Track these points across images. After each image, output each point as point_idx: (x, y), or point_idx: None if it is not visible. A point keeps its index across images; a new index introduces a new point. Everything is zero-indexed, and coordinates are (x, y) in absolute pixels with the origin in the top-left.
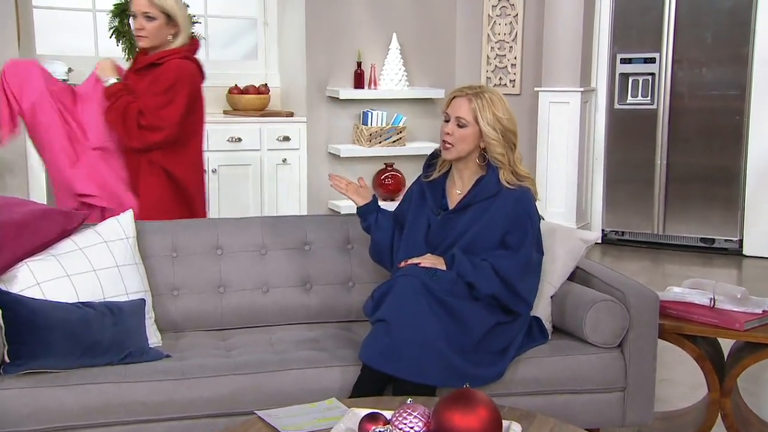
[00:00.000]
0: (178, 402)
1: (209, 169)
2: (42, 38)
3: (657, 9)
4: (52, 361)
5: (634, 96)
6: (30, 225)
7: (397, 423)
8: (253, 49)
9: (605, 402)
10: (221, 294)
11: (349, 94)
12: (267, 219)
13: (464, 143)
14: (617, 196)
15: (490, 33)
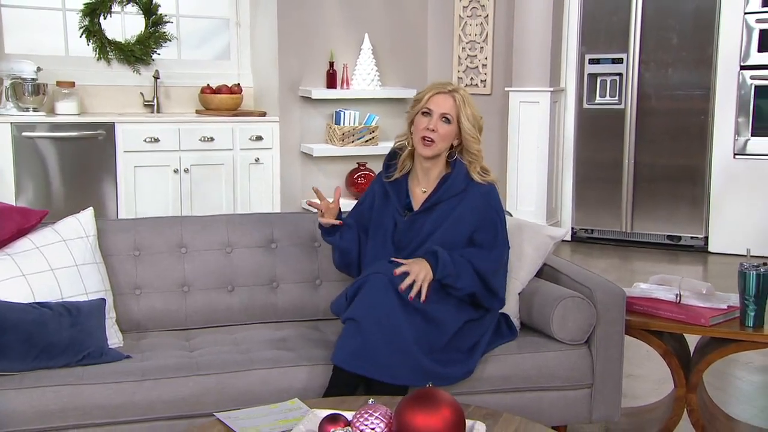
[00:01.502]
0: (138, 404)
1: (181, 169)
2: (11, 37)
3: (624, 11)
4: (4, 363)
5: (602, 96)
6: None
7: (357, 424)
8: (225, 49)
9: (573, 398)
10: (185, 293)
11: (321, 93)
12: (232, 216)
13: (445, 140)
14: (586, 194)
15: (461, 34)
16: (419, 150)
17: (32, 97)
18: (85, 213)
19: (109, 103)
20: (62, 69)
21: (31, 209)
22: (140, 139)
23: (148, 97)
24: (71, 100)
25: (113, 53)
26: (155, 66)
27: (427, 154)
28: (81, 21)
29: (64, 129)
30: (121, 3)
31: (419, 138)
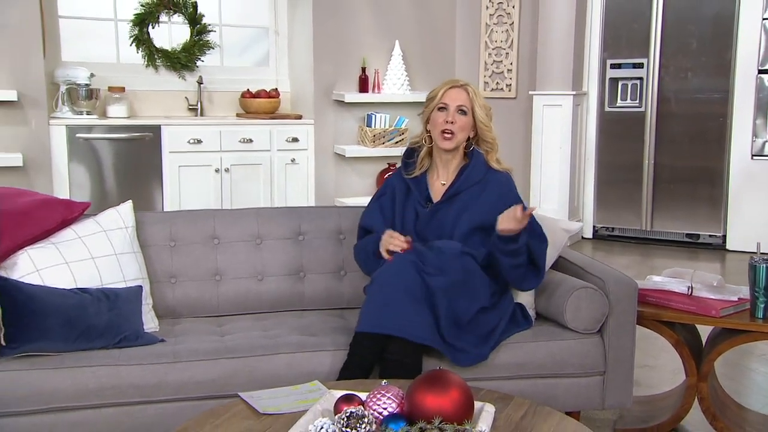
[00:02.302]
0: (171, 384)
1: (222, 168)
2: (67, 46)
3: (645, 18)
4: (47, 344)
5: (623, 99)
6: (31, 214)
7: (371, 404)
8: (264, 57)
9: (585, 386)
10: (218, 282)
11: (354, 97)
12: (262, 210)
13: (464, 131)
14: (608, 194)
15: (488, 40)
16: (440, 144)
17: (86, 101)
18: (125, 206)
19: (156, 106)
20: (114, 75)
21: (75, 201)
22: (184, 140)
23: (192, 102)
24: (121, 104)
25: (160, 60)
26: (199, 72)
27: (449, 146)
28: (131, 30)
29: (114, 131)
30: (168, 13)
31: (439, 132)
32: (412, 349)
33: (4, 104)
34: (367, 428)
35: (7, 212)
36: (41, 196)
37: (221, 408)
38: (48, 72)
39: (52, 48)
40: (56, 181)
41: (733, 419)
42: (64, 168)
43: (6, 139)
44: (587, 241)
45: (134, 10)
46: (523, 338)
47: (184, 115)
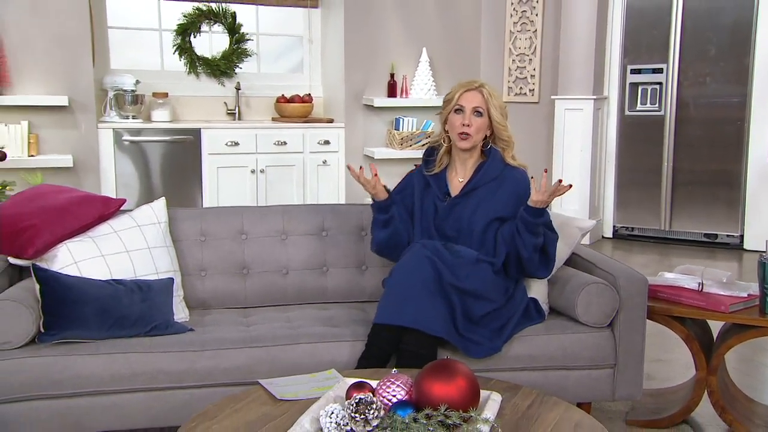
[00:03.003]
0: (198, 371)
1: (257, 169)
2: (115, 54)
3: (664, 25)
4: (83, 332)
5: (643, 104)
6: (71, 210)
7: (381, 391)
8: (299, 64)
9: (596, 378)
10: (245, 275)
11: (383, 102)
12: (288, 207)
13: (480, 132)
14: (627, 195)
15: (512, 47)
16: (458, 144)
17: (131, 106)
18: (158, 202)
19: (197, 111)
20: (158, 82)
21: (112, 198)
22: (222, 143)
23: (231, 106)
24: (165, 109)
25: (201, 68)
26: (237, 78)
27: (466, 146)
28: (174, 40)
29: (158, 134)
30: (209, 23)
31: (456, 134)
32: (428, 340)
33: (56, 109)
34: (375, 414)
35: (49, 208)
36: (80, 193)
37: (241, 394)
38: (97, 79)
39: (101, 56)
40: (104, 180)
41: (742, 412)
42: (111, 168)
43: (57, 141)
44: (607, 241)
45: (177, 20)
46: (535, 331)
47: (223, 119)
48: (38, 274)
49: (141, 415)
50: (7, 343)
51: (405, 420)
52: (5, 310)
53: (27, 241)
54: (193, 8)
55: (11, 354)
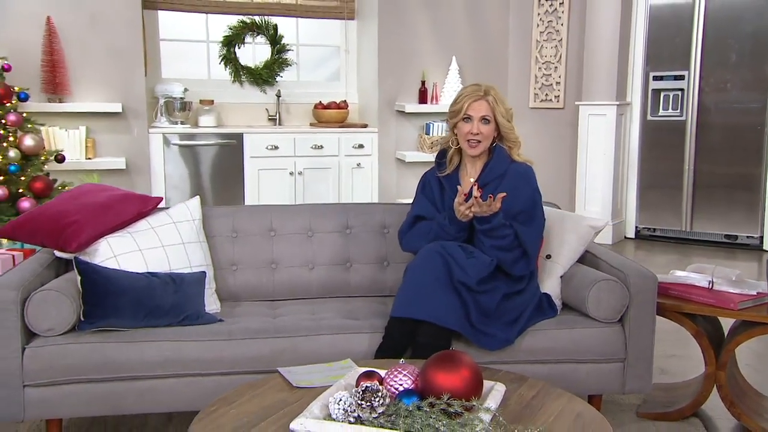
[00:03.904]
0: (226, 359)
1: (296, 171)
2: (166, 65)
3: (686, 33)
4: (119, 320)
5: (665, 109)
6: (111, 207)
7: (388, 380)
8: (336, 72)
9: (607, 371)
10: (273, 270)
11: (414, 108)
12: (314, 206)
13: (488, 138)
14: (649, 197)
15: (538, 55)
16: (468, 152)
17: (180, 112)
18: (193, 200)
19: (241, 117)
20: (204, 89)
21: (150, 196)
22: (263, 146)
23: (272, 113)
24: (211, 115)
25: (245, 76)
26: (278, 86)
27: (476, 153)
28: (220, 50)
29: (204, 138)
30: (252, 35)
31: (465, 142)
32: (441, 333)
33: (111, 115)
34: (381, 402)
35: (91, 205)
36: (121, 192)
37: (260, 381)
38: (149, 87)
39: (153, 66)
40: (154, 181)
41: (750, 406)
42: (161, 170)
43: (112, 145)
44: (629, 241)
45: (223, 32)
46: (547, 325)
47: (264, 125)
48: (79, 267)
49: (172, 400)
50: (51, 330)
51: (409, 408)
52: (49, 299)
53: (71, 236)
54: (238, 21)
55: (54, 340)
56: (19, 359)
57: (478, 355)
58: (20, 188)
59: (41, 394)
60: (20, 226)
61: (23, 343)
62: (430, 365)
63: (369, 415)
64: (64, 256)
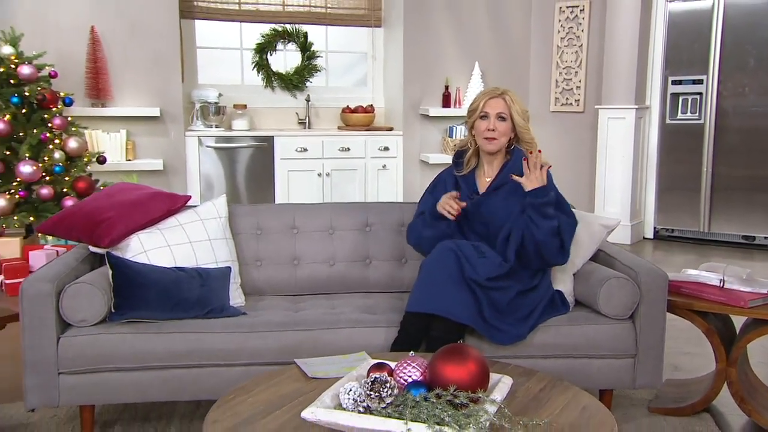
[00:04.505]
0: (248, 350)
1: (324, 173)
2: (202, 71)
3: (705, 38)
4: (147, 312)
5: (683, 113)
6: (142, 205)
7: (398, 372)
8: (363, 77)
9: (618, 366)
10: (296, 266)
11: (438, 112)
12: (335, 205)
13: (504, 135)
14: (668, 199)
15: (559, 60)
16: (485, 148)
17: (215, 116)
18: (220, 199)
19: (272, 120)
20: (238, 94)
21: (178, 195)
22: (293, 149)
23: (302, 116)
24: (243, 119)
25: (276, 82)
26: (308, 91)
27: (492, 149)
28: (253, 57)
29: (237, 141)
30: (284, 42)
31: (483, 138)
32: (454, 327)
33: (149, 119)
34: (389, 392)
35: (123, 203)
36: (152, 190)
37: (277, 371)
38: (185, 93)
39: (189, 73)
40: (189, 182)
41: (761, 402)
42: (196, 171)
43: (150, 147)
44: (648, 241)
45: (256, 40)
46: (559, 321)
47: (294, 128)
48: (111, 261)
49: (197, 389)
50: (84, 321)
51: (416, 398)
52: (82, 291)
53: (104, 232)
54: (270, 29)
55: (87, 330)
56: (55, 348)
57: (490, 350)
58: (64, 188)
59: (75, 381)
60: (58, 223)
61: (58, 332)
62: (437, 358)
63: (377, 405)
64: (97, 251)
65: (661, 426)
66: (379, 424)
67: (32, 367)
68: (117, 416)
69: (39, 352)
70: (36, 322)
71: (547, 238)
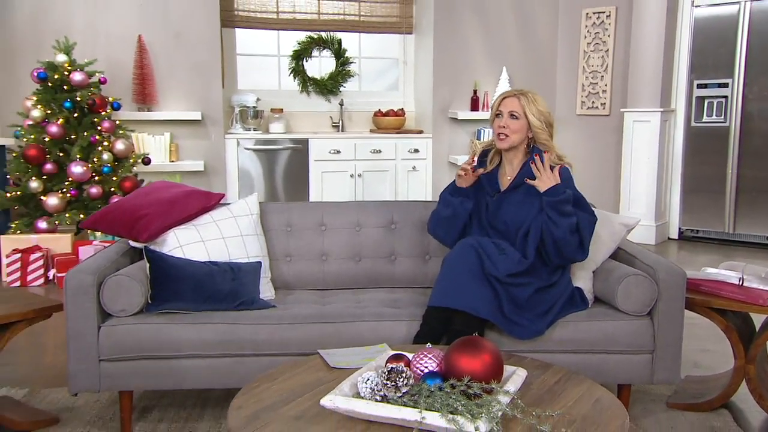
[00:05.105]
0: (276, 341)
1: (356, 174)
2: (242, 77)
3: (730, 42)
4: (181, 304)
5: (708, 116)
6: (178, 202)
7: (415, 362)
8: (394, 82)
9: (636, 362)
10: (324, 261)
11: (466, 115)
12: (362, 203)
13: (516, 133)
14: (693, 200)
15: (585, 65)
16: (497, 144)
17: (253, 120)
18: (252, 197)
19: (307, 124)
20: (275, 99)
21: (213, 193)
22: (326, 151)
23: (335, 120)
24: (280, 122)
25: (312, 87)
26: (341, 96)
27: (503, 146)
28: (290, 64)
29: (273, 143)
30: (319, 49)
31: (495, 135)
32: (475, 322)
33: (191, 123)
34: (405, 382)
35: (161, 201)
36: (188, 189)
37: (301, 361)
38: (226, 97)
39: (230, 79)
40: (229, 182)
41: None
42: (235, 172)
43: (192, 149)
44: (673, 242)
45: (293, 47)
46: (578, 317)
47: (328, 131)
48: (148, 255)
49: (228, 377)
50: (123, 311)
51: (431, 388)
52: (122, 283)
53: (142, 228)
54: (306, 37)
55: (126, 320)
56: (96, 336)
57: (510, 344)
58: (112, 187)
59: (114, 368)
60: (100, 219)
61: (99, 322)
62: (453, 349)
63: (394, 394)
64: (136, 246)
65: (679, 421)
66: (394, 412)
67: (75, 355)
68: (155, 402)
69: (81, 340)
70: (78, 312)
71: (566, 235)
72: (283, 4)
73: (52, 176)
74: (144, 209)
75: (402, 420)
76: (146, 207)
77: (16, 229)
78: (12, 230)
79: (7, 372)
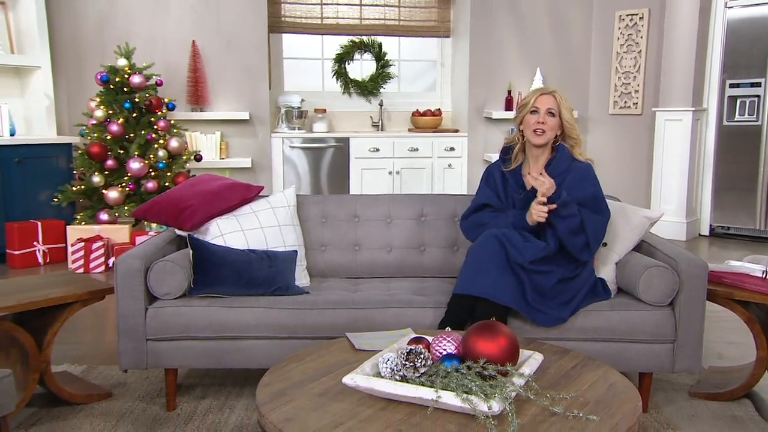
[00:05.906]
0: (308, 325)
1: (394, 171)
2: (288, 79)
3: (763, 43)
4: (221, 288)
5: (741, 115)
6: (220, 194)
7: (434, 345)
8: (432, 83)
9: (657, 351)
10: (356, 251)
11: (500, 114)
12: (394, 196)
13: (552, 130)
14: (724, 197)
15: (618, 66)
16: (533, 140)
17: (298, 119)
18: (289, 189)
19: (348, 123)
20: (319, 100)
21: (253, 185)
22: (366, 149)
23: (375, 120)
24: (323, 122)
25: (353, 88)
26: (381, 97)
27: (540, 142)
28: (333, 66)
29: (316, 142)
30: (360, 52)
31: (531, 131)
32: (498, 309)
33: (240, 122)
34: (423, 363)
35: (204, 192)
36: (230, 181)
37: (329, 343)
38: (272, 98)
39: (276, 81)
40: (274, 178)
41: None
42: (280, 168)
43: (240, 147)
44: (704, 238)
45: (336, 51)
46: (600, 307)
47: (368, 130)
48: (192, 243)
49: (263, 358)
50: (168, 294)
51: (448, 369)
52: (167, 268)
53: (187, 218)
54: (348, 41)
55: (171, 303)
56: (143, 317)
57: (532, 331)
58: (167, 182)
59: (159, 347)
60: (149, 210)
61: (146, 304)
62: (471, 333)
63: (412, 375)
64: (182, 234)
65: (701, 410)
66: (411, 391)
67: (125, 334)
68: (198, 381)
69: (130, 320)
70: (128, 294)
71: (568, 236)
72: (327, 11)
73: (113, 172)
74: (189, 200)
75: (419, 399)
76: (191, 198)
77: (81, 220)
78: (77, 221)
79: (69, 349)
